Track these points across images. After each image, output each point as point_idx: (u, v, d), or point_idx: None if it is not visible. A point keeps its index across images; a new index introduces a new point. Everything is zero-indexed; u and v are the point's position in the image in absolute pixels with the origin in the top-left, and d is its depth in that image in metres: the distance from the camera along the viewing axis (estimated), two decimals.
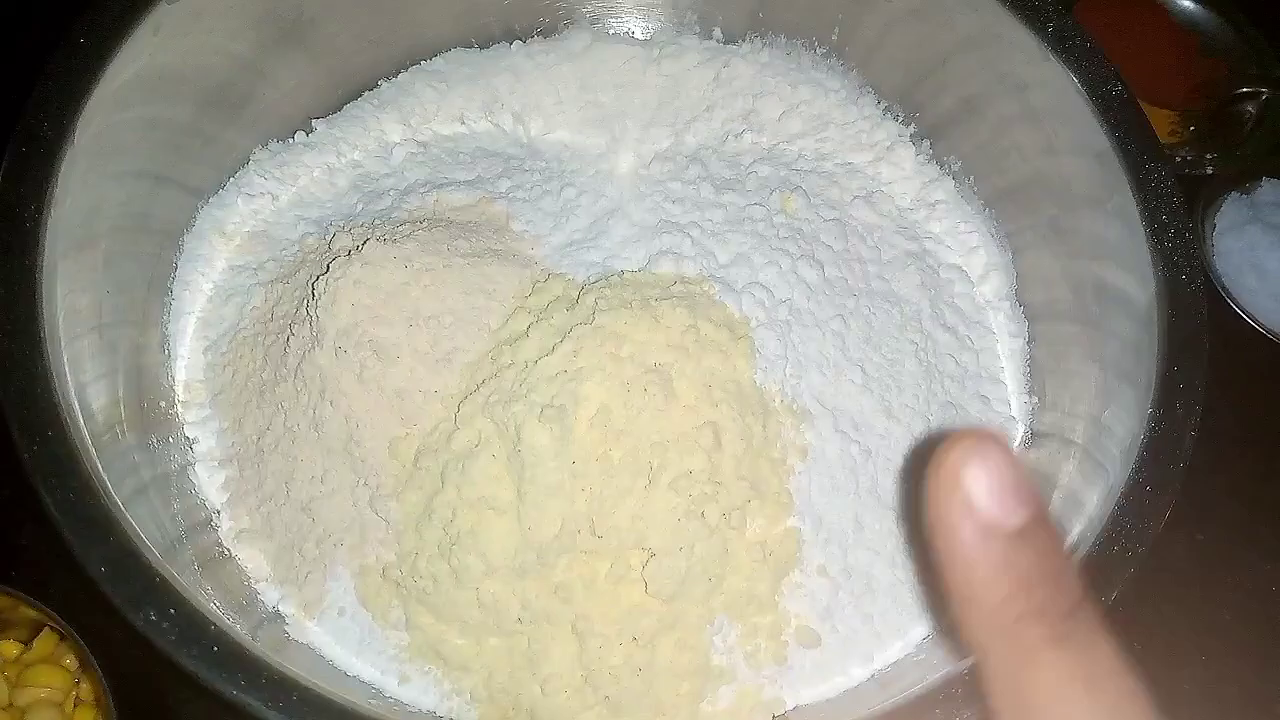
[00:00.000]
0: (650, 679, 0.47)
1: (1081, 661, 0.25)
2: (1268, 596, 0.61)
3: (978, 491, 0.26)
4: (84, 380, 0.46)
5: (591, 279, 0.53)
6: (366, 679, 0.49)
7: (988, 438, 0.27)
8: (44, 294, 0.45)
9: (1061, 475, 0.52)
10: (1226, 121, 0.78)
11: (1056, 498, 0.51)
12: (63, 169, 0.47)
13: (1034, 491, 0.27)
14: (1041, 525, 0.27)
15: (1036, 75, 0.56)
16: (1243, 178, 0.74)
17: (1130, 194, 0.51)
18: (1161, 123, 0.78)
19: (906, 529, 0.48)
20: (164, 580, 0.39)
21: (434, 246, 0.52)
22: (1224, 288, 0.69)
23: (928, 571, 0.47)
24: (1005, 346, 0.58)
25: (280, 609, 0.50)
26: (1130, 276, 0.51)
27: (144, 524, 0.44)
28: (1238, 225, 0.72)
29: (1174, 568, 0.61)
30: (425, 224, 0.54)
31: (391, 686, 0.48)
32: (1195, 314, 0.47)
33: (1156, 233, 0.50)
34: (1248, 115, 0.77)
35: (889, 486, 0.52)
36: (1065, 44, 0.55)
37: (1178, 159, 0.75)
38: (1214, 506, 0.63)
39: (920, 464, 0.27)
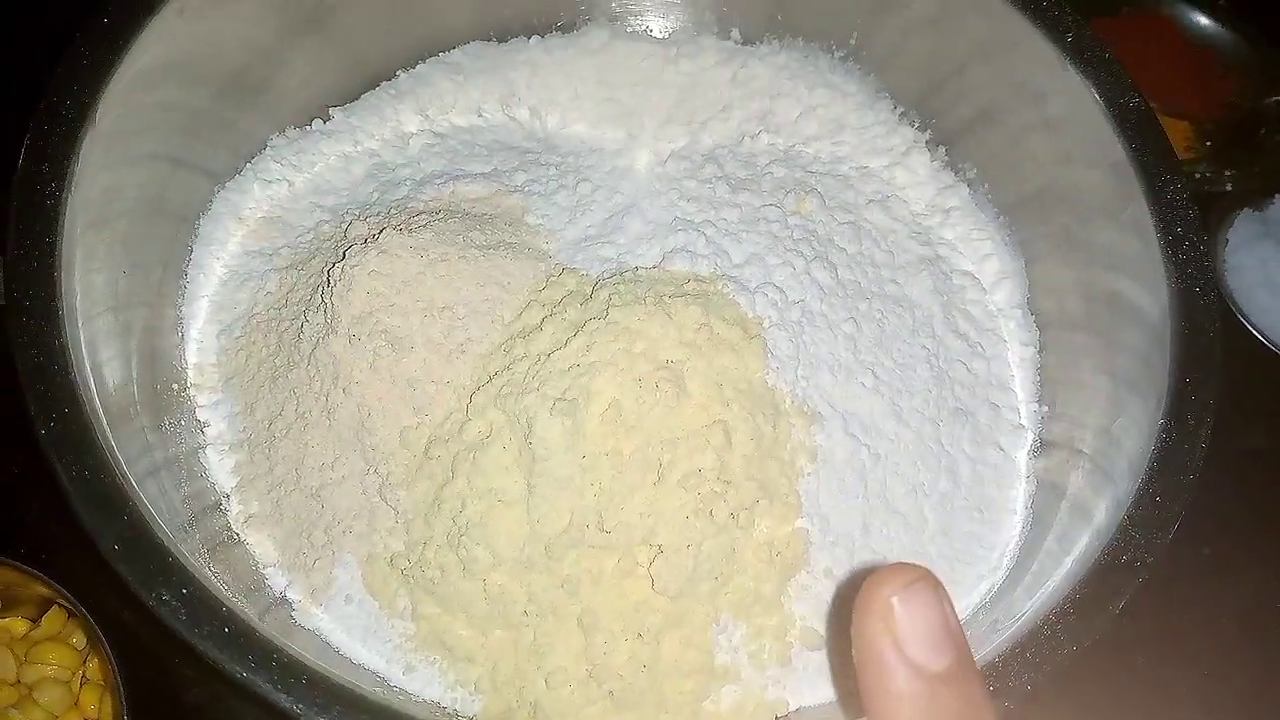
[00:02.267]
0: (654, 676, 0.47)
1: None
2: (1273, 612, 0.61)
3: (908, 630, 0.28)
4: (99, 359, 0.46)
5: (605, 274, 0.54)
6: (372, 667, 0.49)
7: (923, 576, 0.28)
8: (62, 271, 0.45)
9: (1070, 485, 0.52)
10: (1242, 137, 0.78)
11: (1064, 507, 0.51)
12: (83, 148, 0.47)
13: (959, 633, 0.28)
14: (965, 668, 0.28)
15: (1054, 85, 0.56)
16: (1256, 194, 0.74)
17: (1145, 205, 0.51)
18: (1177, 139, 0.78)
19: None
20: (176, 559, 0.39)
21: (450, 237, 0.52)
22: (1236, 305, 0.69)
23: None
24: (1016, 354, 0.58)
25: (287, 595, 0.50)
26: (1143, 288, 0.51)
27: (155, 505, 0.44)
28: (1250, 242, 0.72)
29: (1181, 580, 0.61)
30: (441, 215, 0.54)
31: (397, 676, 0.48)
32: (1208, 327, 0.47)
33: (1171, 245, 0.50)
34: (1262, 131, 0.77)
35: (897, 491, 0.52)
36: (1084, 54, 0.55)
37: (1196, 175, 0.75)
38: (1222, 521, 0.63)
39: (852, 596, 0.30)
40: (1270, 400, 0.67)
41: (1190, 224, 0.50)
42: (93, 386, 0.44)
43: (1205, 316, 0.47)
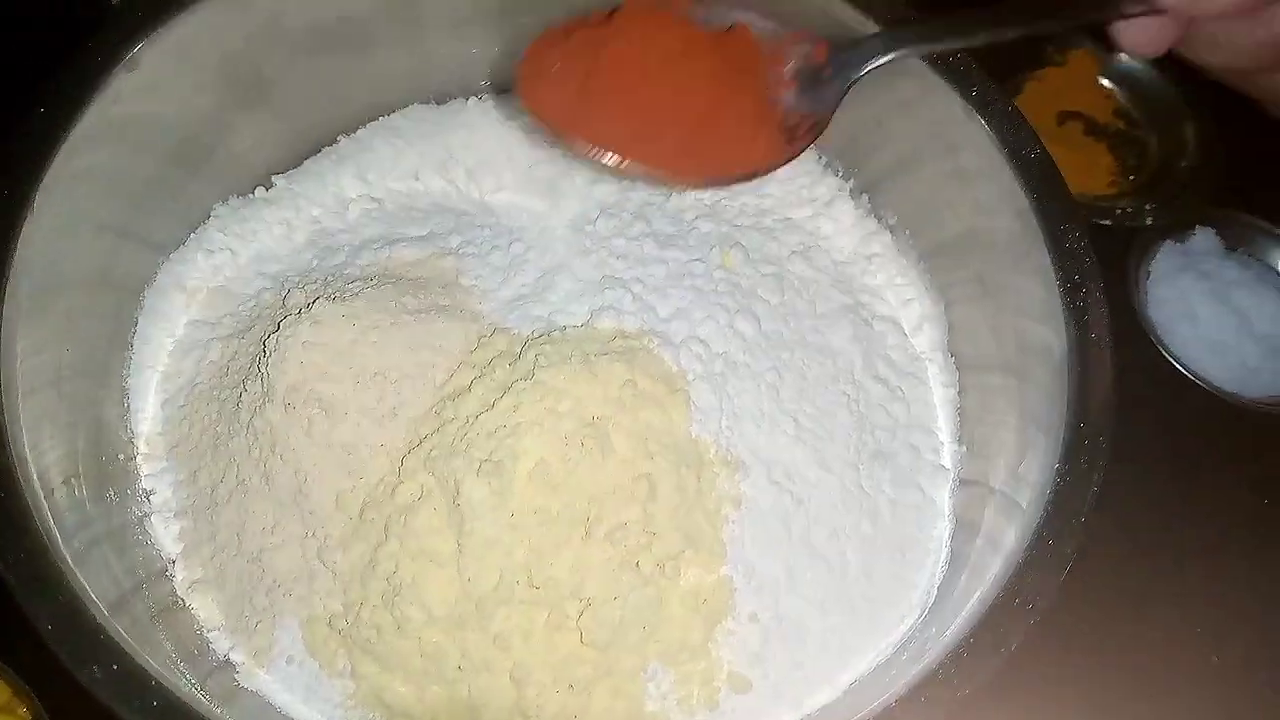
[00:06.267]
0: None
1: None
2: (1188, 642, 0.63)
3: None
4: (40, 435, 0.48)
5: (535, 334, 0.56)
6: None
7: None
8: (2, 350, 0.47)
9: (982, 521, 0.54)
10: (1163, 171, 0.80)
11: (978, 543, 0.53)
12: (24, 230, 0.49)
13: None
14: None
15: (964, 136, 0.58)
16: (1177, 226, 0.76)
17: (1046, 252, 0.53)
18: (1101, 175, 0.80)
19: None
20: (108, 636, 0.40)
21: (382, 304, 0.54)
22: (1157, 337, 0.71)
23: None
24: (938, 396, 0.61)
25: (231, 657, 0.51)
26: (1047, 331, 0.53)
27: (96, 577, 0.45)
28: (1171, 274, 0.74)
29: (1102, 609, 0.63)
30: (376, 281, 0.56)
31: None
32: (1103, 374, 0.49)
33: (1070, 291, 0.52)
34: (1182, 164, 0.80)
35: (820, 535, 0.54)
36: (988, 107, 0.57)
37: (1117, 211, 0.77)
38: (1146, 548, 0.65)
39: None
40: (1192, 431, 0.69)
41: (1088, 271, 0.52)
42: (30, 463, 0.45)
43: (1100, 363, 0.50)
